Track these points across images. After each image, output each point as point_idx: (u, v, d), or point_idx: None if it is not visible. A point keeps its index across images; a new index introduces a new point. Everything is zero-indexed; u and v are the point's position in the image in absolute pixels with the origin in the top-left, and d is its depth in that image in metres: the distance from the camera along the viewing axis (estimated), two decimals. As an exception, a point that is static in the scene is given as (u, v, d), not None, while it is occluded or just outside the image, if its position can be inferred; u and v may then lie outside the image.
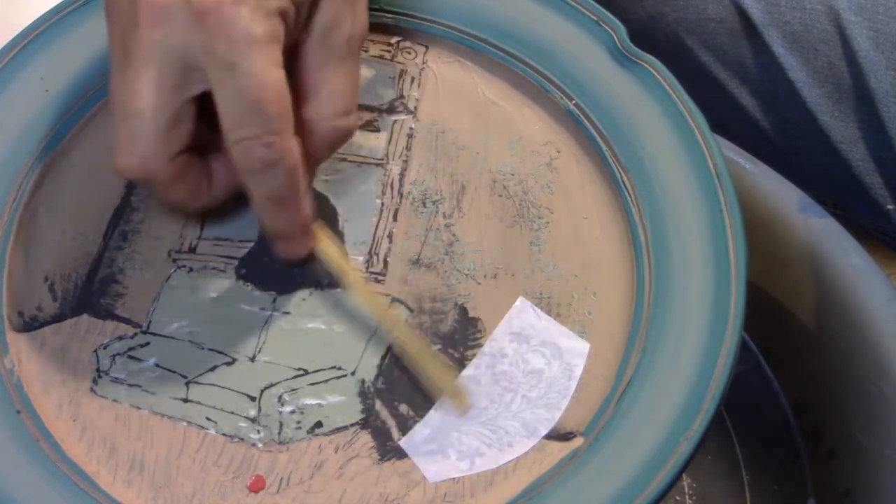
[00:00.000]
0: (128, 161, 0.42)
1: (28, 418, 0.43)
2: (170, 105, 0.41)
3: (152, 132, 0.41)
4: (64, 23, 0.50)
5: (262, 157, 0.41)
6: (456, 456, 0.43)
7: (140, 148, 0.42)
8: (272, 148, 0.41)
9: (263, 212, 0.43)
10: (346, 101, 0.44)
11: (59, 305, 0.46)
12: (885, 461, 0.53)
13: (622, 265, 0.46)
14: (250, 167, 0.41)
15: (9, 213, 0.47)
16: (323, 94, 0.43)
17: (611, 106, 0.48)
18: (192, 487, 0.42)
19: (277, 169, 0.41)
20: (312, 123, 0.43)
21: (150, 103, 0.41)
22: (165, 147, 0.42)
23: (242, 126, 0.41)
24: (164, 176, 0.43)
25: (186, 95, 0.42)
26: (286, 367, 0.44)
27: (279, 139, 0.41)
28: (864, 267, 0.55)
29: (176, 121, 0.42)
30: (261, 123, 0.40)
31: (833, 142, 0.67)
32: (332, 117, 0.44)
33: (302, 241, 0.45)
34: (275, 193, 0.42)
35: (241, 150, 0.41)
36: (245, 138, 0.41)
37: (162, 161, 0.42)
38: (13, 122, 0.48)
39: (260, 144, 0.41)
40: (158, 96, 0.41)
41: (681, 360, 0.43)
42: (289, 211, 0.43)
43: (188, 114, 0.42)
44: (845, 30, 0.65)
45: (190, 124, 0.42)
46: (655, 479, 0.41)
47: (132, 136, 0.42)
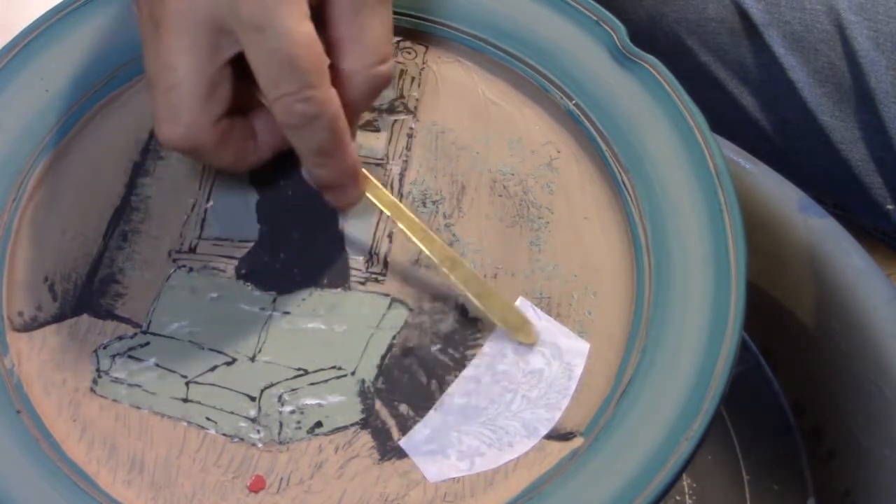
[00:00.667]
0: (173, 132, 0.42)
1: (28, 418, 0.43)
2: (206, 71, 0.42)
3: (192, 100, 0.42)
4: (64, 23, 0.50)
5: (302, 112, 0.41)
6: (456, 456, 0.43)
7: (183, 117, 0.42)
8: (311, 102, 0.41)
9: (311, 164, 0.44)
10: (381, 48, 0.44)
11: (59, 305, 0.46)
12: (885, 461, 0.53)
13: (622, 265, 0.46)
14: (292, 123, 0.42)
15: (9, 213, 0.47)
16: (358, 44, 0.43)
17: (611, 106, 0.48)
18: (192, 487, 0.42)
19: (319, 122, 0.42)
20: (349, 74, 0.44)
21: (186, 72, 0.41)
22: (207, 113, 0.42)
23: (279, 84, 0.41)
24: (210, 142, 0.43)
25: (221, 60, 0.42)
26: (286, 367, 0.44)
27: (317, 92, 0.41)
28: (864, 267, 0.55)
29: (214, 86, 0.42)
30: (296, 79, 0.41)
31: (833, 142, 0.67)
32: (370, 66, 0.44)
33: (352, 188, 0.45)
34: (319, 146, 0.43)
35: (281, 107, 0.41)
36: (283, 95, 0.41)
37: (206, 127, 0.43)
38: (13, 122, 0.48)
39: (298, 100, 0.41)
40: (194, 64, 0.41)
41: (681, 360, 0.43)
42: (335, 161, 0.44)
43: (225, 77, 0.42)
44: (845, 30, 0.65)
45: (228, 87, 0.43)
46: (655, 479, 0.41)
47: (173, 107, 0.42)
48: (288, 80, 0.41)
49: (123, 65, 0.49)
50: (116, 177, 0.48)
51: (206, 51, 0.41)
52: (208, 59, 0.42)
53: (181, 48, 0.41)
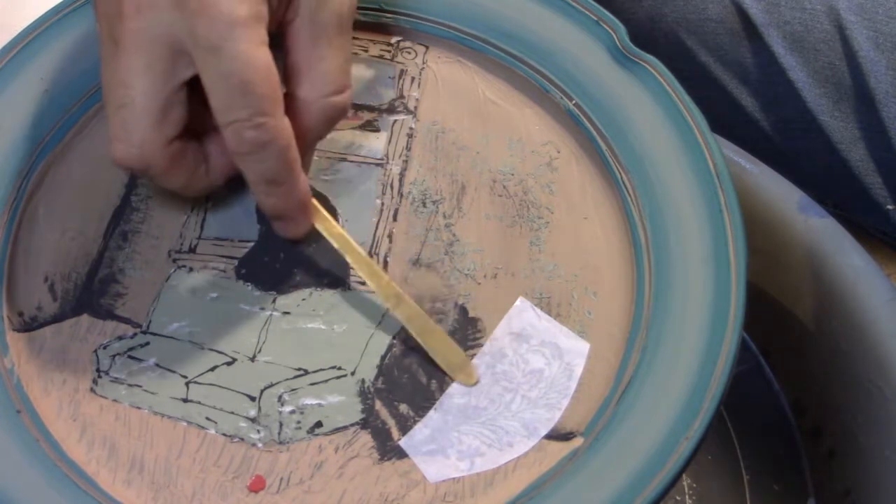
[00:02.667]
0: (124, 151, 0.42)
1: (28, 418, 0.43)
2: (161, 92, 0.41)
3: (145, 120, 0.42)
4: (64, 23, 0.50)
5: (253, 139, 0.41)
6: (456, 456, 0.43)
7: (135, 137, 0.42)
8: (262, 129, 0.41)
9: (260, 193, 0.44)
10: (339, 78, 0.44)
11: (59, 305, 0.46)
12: (885, 461, 0.53)
13: (622, 265, 0.46)
14: (243, 149, 0.42)
15: (9, 213, 0.47)
16: (315, 73, 0.43)
17: (611, 106, 0.48)
18: (192, 487, 0.42)
19: (270, 149, 0.41)
20: (306, 103, 0.43)
21: (140, 92, 0.41)
22: (160, 134, 0.42)
23: (232, 108, 0.41)
24: (161, 163, 0.43)
25: (176, 81, 0.42)
26: (286, 367, 0.44)
27: (269, 120, 0.41)
28: (864, 267, 0.55)
29: (168, 107, 0.42)
30: (249, 105, 0.40)
31: (833, 142, 0.67)
32: (326, 96, 0.44)
33: (301, 219, 0.45)
34: (269, 174, 0.42)
35: (232, 132, 0.41)
36: (235, 120, 0.41)
37: (157, 148, 0.42)
38: (13, 122, 0.48)
39: (250, 126, 0.41)
40: (149, 84, 0.41)
41: (681, 360, 0.43)
42: (285, 190, 0.43)
43: (180, 99, 0.42)
44: (845, 30, 0.65)
45: (182, 109, 0.42)
46: (655, 479, 0.41)
47: (126, 125, 0.42)
48: (241, 105, 0.41)
49: (123, 65, 0.49)
50: (116, 177, 0.48)
51: (161, 71, 0.41)
52: (164, 79, 0.41)
53: (137, 67, 0.41)
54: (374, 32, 0.51)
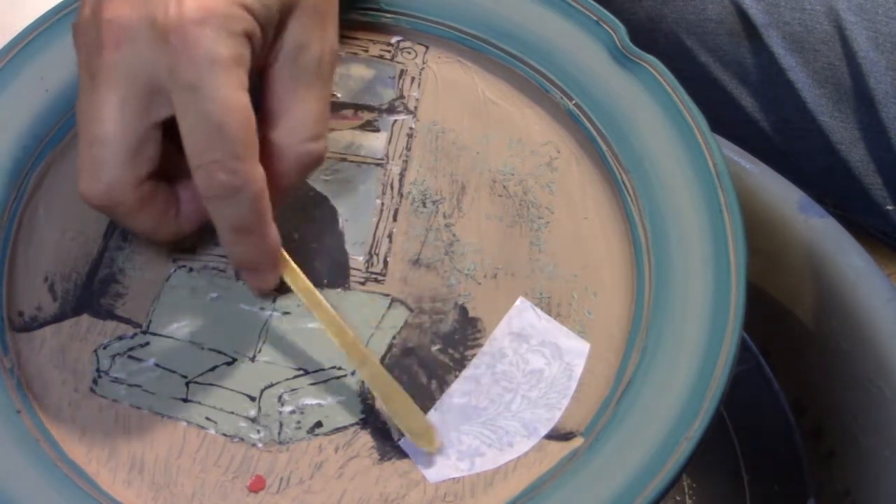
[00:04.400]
0: (92, 187, 0.41)
1: (28, 418, 0.43)
2: (134, 130, 0.40)
3: (116, 158, 0.41)
4: (64, 23, 0.50)
5: (224, 183, 0.40)
6: (456, 456, 0.43)
7: (104, 174, 0.41)
8: (236, 174, 0.40)
9: (227, 242, 0.42)
10: (315, 125, 0.43)
11: (59, 305, 0.46)
12: (885, 461, 0.53)
13: (622, 265, 0.46)
14: (213, 193, 0.40)
15: (9, 213, 0.47)
16: (291, 118, 0.42)
17: (611, 106, 0.48)
18: (192, 487, 0.42)
19: (241, 195, 0.40)
20: (280, 148, 0.42)
21: (114, 128, 0.40)
22: (130, 173, 0.41)
23: (205, 150, 0.39)
24: (129, 203, 0.42)
25: (152, 120, 0.41)
26: (286, 367, 0.44)
27: (243, 164, 0.40)
28: (864, 267, 0.55)
29: (141, 146, 0.41)
30: (224, 148, 0.39)
31: (833, 142, 0.67)
32: (301, 142, 0.42)
33: (269, 271, 0.44)
34: (239, 222, 0.41)
35: (204, 175, 0.40)
36: (208, 162, 0.40)
37: (127, 187, 0.41)
38: (13, 122, 0.48)
39: (223, 170, 0.39)
40: (123, 121, 0.40)
41: (681, 360, 0.43)
42: (253, 241, 0.42)
43: (154, 139, 0.41)
44: (845, 30, 0.65)
45: (155, 149, 0.41)
46: (655, 479, 0.41)
47: (96, 161, 0.41)
48: (214, 147, 0.39)
49: (123, 65, 0.49)
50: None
51: (136, 108, 0.40)
52: (138, 116, 0.40)
53: (112, 102, 0.40)
54: (374, 32, 0.51)
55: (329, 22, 0.44)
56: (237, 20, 0.39)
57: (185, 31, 0.39)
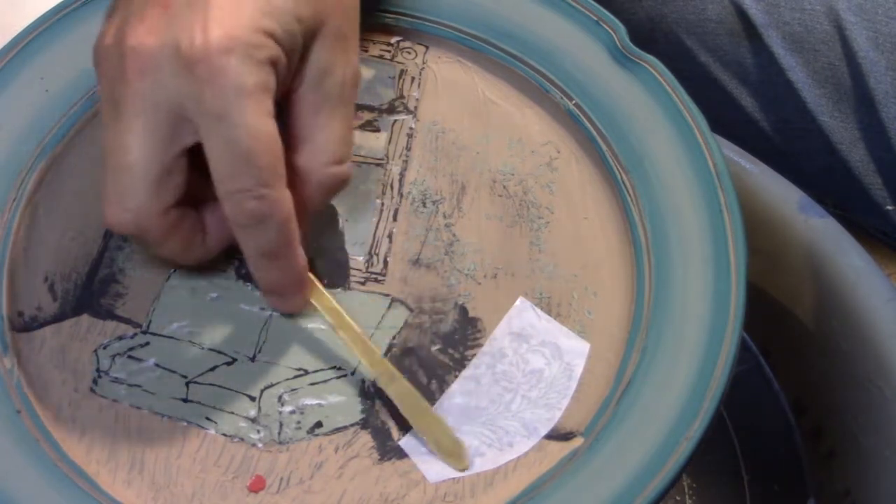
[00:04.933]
0: (119, 216, 0.41)
1: (28, 418, 0.43)
2: (160, 158, 0.40)
3: (143, 186, 0.41)
4: (64, 23, 0.50)
5: (253, 210, 0.40)
6: (456, 456, 0.43)
7: (131, 202, 0.41)
8: (264, 200, 0.40)
9: (255, 267, 0.42)
10: (340, 148, 0.43)
11: (59, 305, 0.46)
12: (885, 461, 0.53)
13: (622, 265, 0.46)
14: (242, 220, 0.40)
15: (9, 213, 0.47)
16: (317, 142, 0.42)
17: (611, 106, 0.48)
18: (192, 487, 0.42)
19: (270, 222, 0.40)
20: (306, 172, 0.42)
21: (140, 156, 0.40)
22: (157, 201, 0.41)
23: (233, 178, 0.40)
24: (157, 230, 0.42)
25: (177, 148, 0.41)
26: (286, 367, 0.44)
27: (271, 191, 0.40)
28: (864, 267, 0.55)
29: (167, 174, 0.41)
30: (252, 175, 0.39)
31: (833, 142, 0.67)
32: (326, 165, 0.43)
33: (297, 295, 0.44)
34: (267, 248, 0.41)
35: (233, 203, 0.40)
36: (236, 191, 0.40)
37: (154, 215, 0.41)
38: (13, 122, 0.48)
39: (251, 197, 0.40)
40: (149, 149, 0.40)
41: (681, 360, 0.43)
42: (282, 265, 0.42)
43: (180, 166, 0.41)
44: (845, 30, 0.65)
45: (181, 177, 0.41)
46: (655, 479, 0.41)
47: (123, 190, 0.41)
48: (243, 175, 0.39)
49: (123, 65, 0.49)
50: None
51: (163, 136, 0.40)
52: (164, 144, 0.40)
53: (138, 130, 0.40)
54: (374, 32, 0.51)
55: (351, 45, 0.44)
56: (262, 48, 0.39)
57: (210, 60, 0.39)
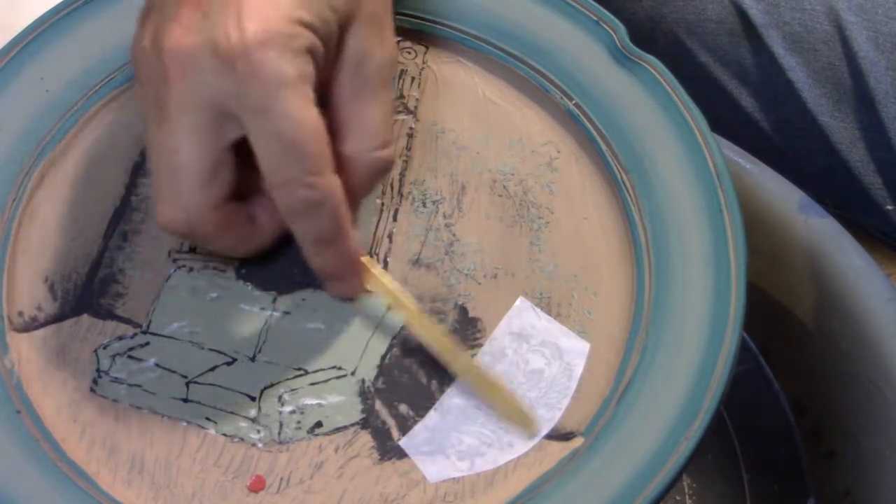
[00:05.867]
0: (173, 216, 0.42)
1: (28, 418, 0.43)
2: (208, 155, 0.41)
3: (195, 184, 0.41)
4: (64, 23, 0.50)
5: (305, 198, 0.40)
6: (456, 456, 0.43)
7: (184, 201, 0.41)
8: (314, 188, 0.40)
9: (311, 253, 0.43)
10: (383, 132, 0.43)
11: (59, 305, 0.46)
12: (885, 461, 0.53)
13: (622, 265, 0.46)
14: (294, 209, 0.41)
15: (9, 213, 0.47)
16: (360, 129, 0.43)
17: (611, 106, 0.48)
18: (192, 487, 0.42)
19: (322, 209, 0.41)
20: (352, 159, 0.43)
21: (189, 156, 0.41)
22: (209, 197, 0.42)
23: (282, 169, 0.40)
24: (211, 226, 0.42)
25: (224, 143, 0.41)
26: (286, 367, 0.44)
27: (321, 178, 0.40)
28: (864, 267, 0.55)
29: (216, 169, 0.41)
30: (300, 165, 0.40)
31: (833, 142, 0.67)
32: (371, 151, 0.43)
33: (353, 278, 0.44)
34: (321, 234, 0.42)
35: (283, 193, 0.41)
36: (286, 181, 0.40)
37: (207, 212, 0.42)
38: (13, 122, 0.48)
39: (301, 186, 0.40)
40: (197, 148, 0.41)
41: (681, 360, 0.43)
42: (336, 250, 0.43)
43: (228, 161, 0.42)
44: (845, 30, 0.65)
45: (230, 171, 0.42)
46: (655, 479, 0.41)
47: (175, 190, 0.41)
48: (291, 165, 0.40)
49: (123, 65, 0.49)
50: (117, 177, 0.48)
51: (209, 134, 0.41)
52: (211, 142, 0.41)
53: (184, 130, 0.41)
54: (374, 32, 0.51)
55: (386, 28, 0.44)
56: (298, 38, 0.40)
57: (249, 55, 0.39)
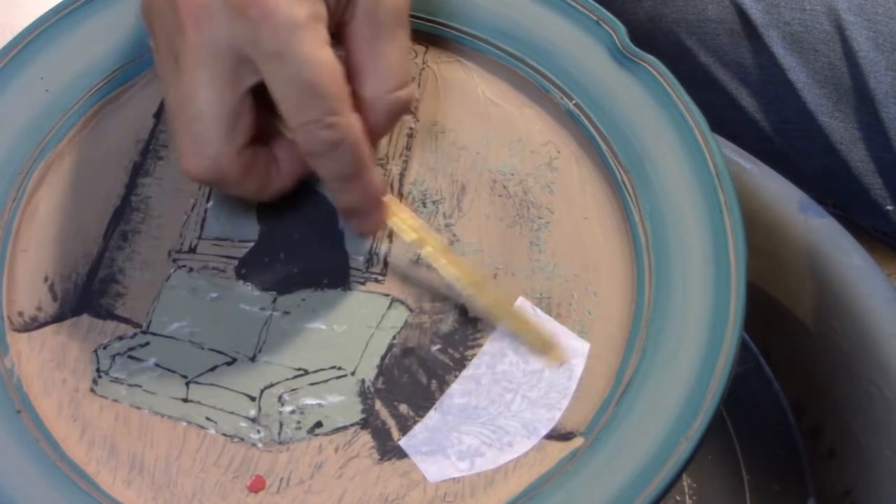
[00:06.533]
0: (198, 163, 0.42)
1: (28, 418, 0.43)
2: (228, 102, 0.42)
3: (216, 131, 0.42)
4: (64, 23, 0.50)
5: (325, 139, 0.41)
6: (456, 456, 0.43)
7: (207, 149, 0.42)
8: (334, 128, 0.41)
9: (335, 189, 0.44)
10: (401, 73, 0.44)
11: (59, 305, 0.46)
12: (885, 461, 0.53)
13: (622, 265, 0.46)
14: (316, 150, 0.42)
15: (9, 213, 0.47)
16: (378, 70, 0.44)
17: (611, 106, 0.48)
18: (192, 487, 0.42)
19: (343, 147, 0.42)
20: (371, 101, 0.44)
21: (208, 103, 0.41)
22: (231, 143, 0.42)
23: (301, 111, 0.41)
24: (235, 171, 0.43)
25: (242, 89, 0.42)
26: (286, 367, 0.44)
27: (340, 118, 0.41)
28: (864, 267, 0.54)
29: (236, 116, 0.42)
30: (319, 105, 0.41)
31: (833, 142, 0.67)
32: (390, 92, 0.44)
33: (376, 214, 0.45)
34: (343, 171, 0.43)
35: (304, 134, 0.41)
36: (306, 122, 0.41)
37: (230, 157, 0.42)
38: (13, 122, 0.48)
39: (322, 127, 0.41)
40: (216, 95, 0.41)
41: (681, 360, 0.43)
42: (359, 185, 0.44)
43: (247, 106, 0.42)
44: (845, 30, 0.65)
45: (250, 117, 0.43)
46: (655, 479, 0.41)
47: (197, 138, 0.42)
48: (311, 107, 0.41)
49: (123, 65, 0.50)
50: (116, 177, 0.48)
51: (227, 81, 0.41)
52: (230, 89, 0.42)
53: (202, 80, 0.41)
54: (374, 32, 0.51)
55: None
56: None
57: (261, 0, 0.40)
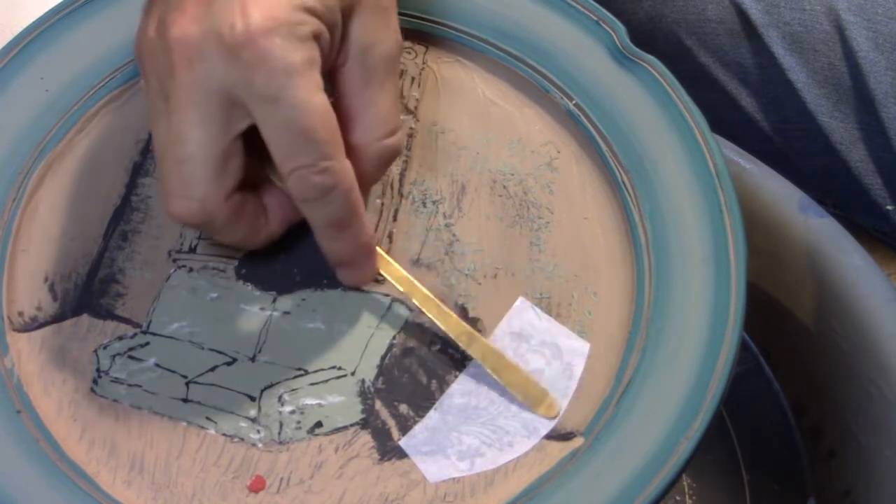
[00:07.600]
0: (185, 206, 0.42)
1: (28, 418, 0.43)
2: (218, 145, 0.41)
3: (205, 174, 0.41)
4: (64, 23, 0.50)
5: (318, 184, 0.41)
6: (456, 456, 0.43)
7: (195, 191, 0.41)
8: (327, 173, 0.41)
9: (326, 238, 0.43)
10: (391, 120, 0.44)
11: (59, 305, 0.46)
12: (885, 461, 0.53)
13: (622, 265, 0.46)
14: (307, 195, 0.41)
15: (9, 213, 0.47)
16: (368, 118, 0.43)
17: (611, 106, 0.48)
18: (192, 487, 0.42)
19: (335, 193, 0.41)
20: (360, 148, 0.43)
21: (198, 146, 0.41)
22: (220, 187, 0.42)
23: (294, 156, 0.40)
24: (223, 216, 0.42)
25: (233, 133, 0.41)
26: (286, 367, 0.44)
27: (333, 163, 0.41)
28: (864, 267, 0.54)
29: (226, 159, 0.41)
30: (312, 151, 0.40)
31: (833, 142, 0.67)
32: (379, 139, 0.43)
33: (368, 263, 0.44)
34: (335, 218, 0.42)
35: (296, 179, 0.41)
36: (299, 167, 0.40)
37: (219, 202, 0.42)
38: (13, 122, 0.48)
39: (315, 172, 0.40)
40: (206, 138, 0.41)
41: (681, 360, 0.43)
42: (350, 234, 0.43)
43: (237, 150, 0.42)
44: (845, 30, 0.65)
45: (240, 161, 0.42)
46: (655, 479, 0.41)
47: (185, 180, 0.41)
48: (303, 152, 0.40)
49: (123, 65, 0.50)
50: (116, 177, 0.48)
51: (218, 123, 0.41)
52: (221, 132, 0.41)
53: (193, 121, 0.40)
54: (374, 32, 0.51)
55: (391, 15, 0.44)
56: (303, 24, 0.40)
57: (255, 44, 0.39)
